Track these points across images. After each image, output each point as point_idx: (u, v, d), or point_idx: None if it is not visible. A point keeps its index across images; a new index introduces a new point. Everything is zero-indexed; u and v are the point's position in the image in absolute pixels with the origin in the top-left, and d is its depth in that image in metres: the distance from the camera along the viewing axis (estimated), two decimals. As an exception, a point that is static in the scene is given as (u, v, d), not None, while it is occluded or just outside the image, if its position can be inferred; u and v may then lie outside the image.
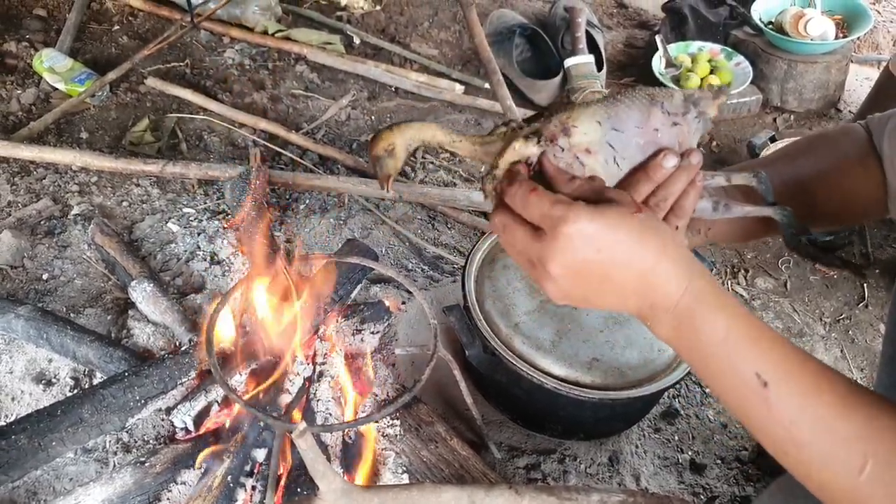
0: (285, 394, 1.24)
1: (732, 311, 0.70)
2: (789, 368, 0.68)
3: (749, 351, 0.68)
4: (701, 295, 0.69)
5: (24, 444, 1.20)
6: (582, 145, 0.73)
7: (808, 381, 0.67)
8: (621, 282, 0.70)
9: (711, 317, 0.69)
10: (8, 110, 2.32)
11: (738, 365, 0.69)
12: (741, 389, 0.69)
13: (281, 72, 2.61)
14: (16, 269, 1.79)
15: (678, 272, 0.69)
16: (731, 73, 2.40)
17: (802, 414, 0.66)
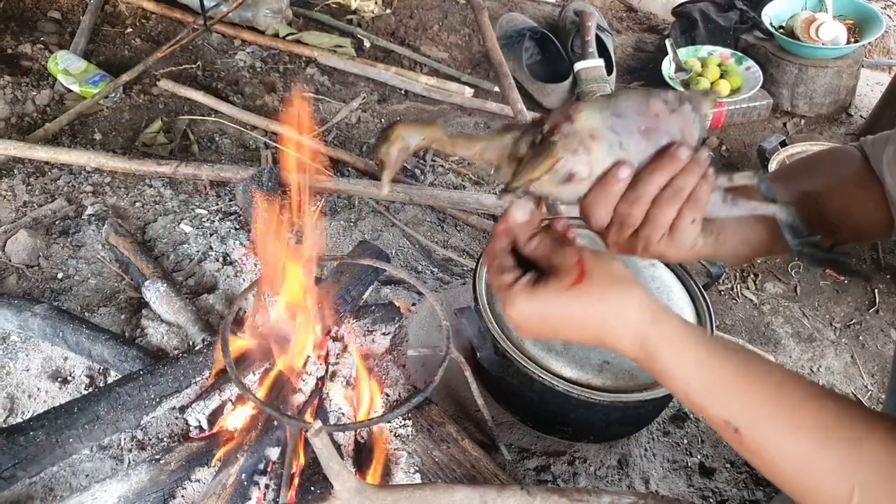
0: (298, 393, 1.25)
1: (690, 362, 0.70)
2: (760, 415, 0.68)
3: (712, 402, 0.69)
4: (653, 349, 0.71)
5: (42, 440, 1.21)
6: (585, 130, 0.73)
7: (783, 419, 0.67)
8: (576, 339, 0.74)
9: (667, 370, 0.71)
10: (23, 111, 2.34)
11: (707, 413, 0.70)
12: (719, 431, 0.71)
13: (292, 74, 2.63)
14: (32, 269, 1.81)
15: (624, 337, 0.71)
16: (741, 78, 2.40)
17: (782, 453, 0.67)
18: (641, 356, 0.71)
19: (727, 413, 0.69)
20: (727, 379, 0.70)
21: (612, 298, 0.71)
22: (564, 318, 0.72)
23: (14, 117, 2.31)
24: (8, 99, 2.35)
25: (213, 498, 1.13)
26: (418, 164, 2.29)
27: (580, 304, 0.71)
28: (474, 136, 0.80)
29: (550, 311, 0.71)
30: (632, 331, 0.71)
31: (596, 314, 0.71)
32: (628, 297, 0.71)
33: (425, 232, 2.05)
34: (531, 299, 0.71)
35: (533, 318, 0.72)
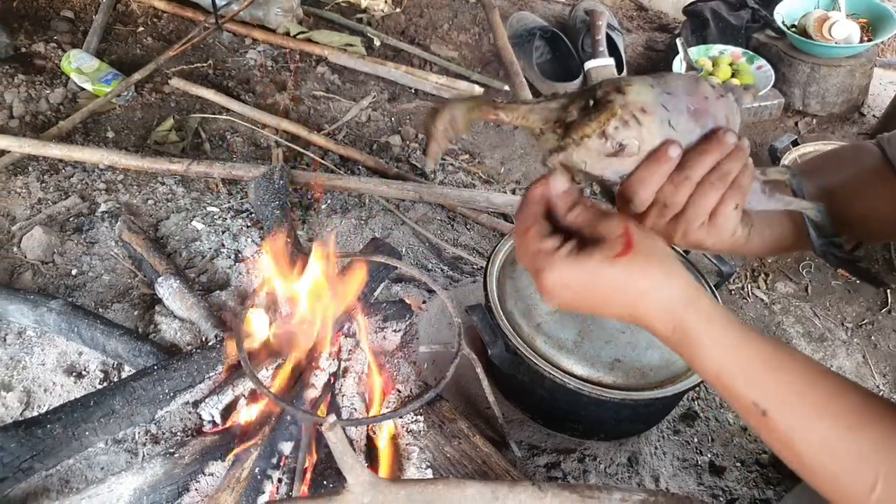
0: (311, 389, 1.26)
1: (725, 343, 0.70)
2: (789, 394, 0.68)
3: (744, 382, 0.69)
4: (690, 329, 0.70)
5: (59, 433, 1.23)
6: (637, 104, 0.72)
7: (810, 404, 0.68)
8: (609, 313, 0.73)
9: (701, 351, 0.70)
10: (37, 110, 2.36)
11: (736, 395, 0.70)
12: (743, 413, 0.71)
13: (302, 73, 2.64)
14: (46, 265, 1.83)
15: (660, 314, 0.71)
16: (752, 77, 2.40)
17: (806, 438, 0.67)
18: (675, 335, 0.71)
19: (757, 394, 0.69)
20: (759, 361, 0.70)
21: (655, 274, 0.70)
22: (606, 288, 0.70)
23: (28, 115, 2.33)
24: (22, 97, 2.37)
25: (227, 491, 1.14)
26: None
27: (624, 276, 0.69)
28: (519, 102, 0.79)
29: (594, 280, 0.70)
30: (669, 309, 0.70)
31: (637, 288, 0.70)
32: (670, 274, 0.71)
33: (435, 230, 2.06)
34: (575, 266, 0.70)
35: (575, 285, 0.70)
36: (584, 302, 0.72)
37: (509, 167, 2.31)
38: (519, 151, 2.37)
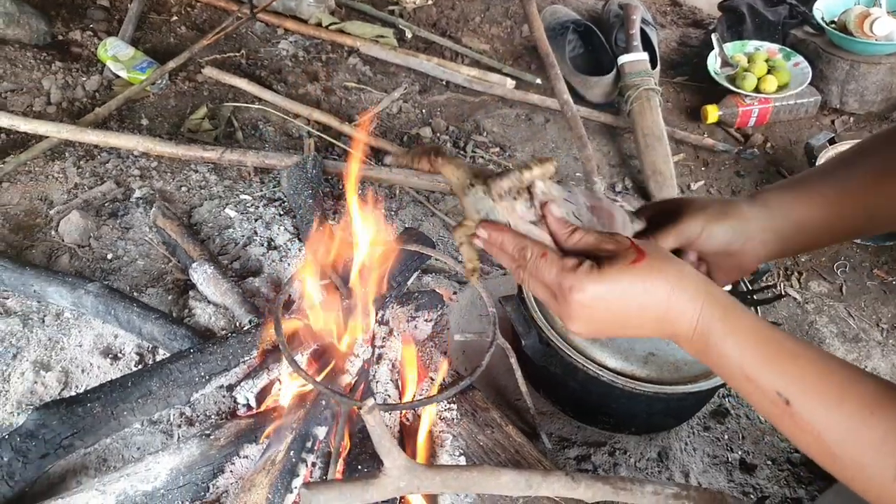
0: (346, 374, 1.27)
1: (745, 335, 0.72)
2: (810, 381, 0.69)
3: (766, 371, 0.70)
4: (711, 324, 0.72)
5: (98, 412, 1.25)
6: (546, 196, 0.79)
7: (830, 391, 0.68)
8: (638, 325, 0.75)
9: (723, 344, 0.72)
10: (73, 96, 2.39)
11: (759, 385, 0.71)
12: (767, 406, 0.71)
13: (334, 64, 2.66)
14: (83, 249, 1.85)
15: (687, 309, 0.73)
16: (788, 74, 2.37)
17: (828, 425, 0.67)
18: (698, 331, 0.72)
19: (780, 383, 0.69)
20: (779, 348, 0.71)
21: (671, 272, 0.73)
22: (631, 298, 0.72)
23: (65, 102, 2.37)
24: (59, 84, 2.41)
25: (263, 473, 1.15)
26: (458, 154, 2.30)
27: (648, 279, 0.72)
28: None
29: (624, 289, 0.72)
30: (691, 304, 0.72)
31: (659, 289, 0.72)
32: (683, 272, 0.74)
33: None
34: (603, 278, 0.72)
35: (608, 297, 0.72)
36: (617, 316, 0.74)
37: (540, 160, 2.30)
38: (550, 145, 2.36)
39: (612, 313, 0.74)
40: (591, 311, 0.74)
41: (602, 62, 2.52)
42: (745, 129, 2.42)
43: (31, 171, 2.07)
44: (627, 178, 2.24)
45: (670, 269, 0.73)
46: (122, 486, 1.19)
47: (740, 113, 2.36)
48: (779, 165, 2.31)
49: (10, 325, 1.61)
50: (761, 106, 2.35)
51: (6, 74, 2.38)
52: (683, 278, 0.73)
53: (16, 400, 1.46)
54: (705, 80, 2.52)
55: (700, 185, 2.25)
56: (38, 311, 1.66)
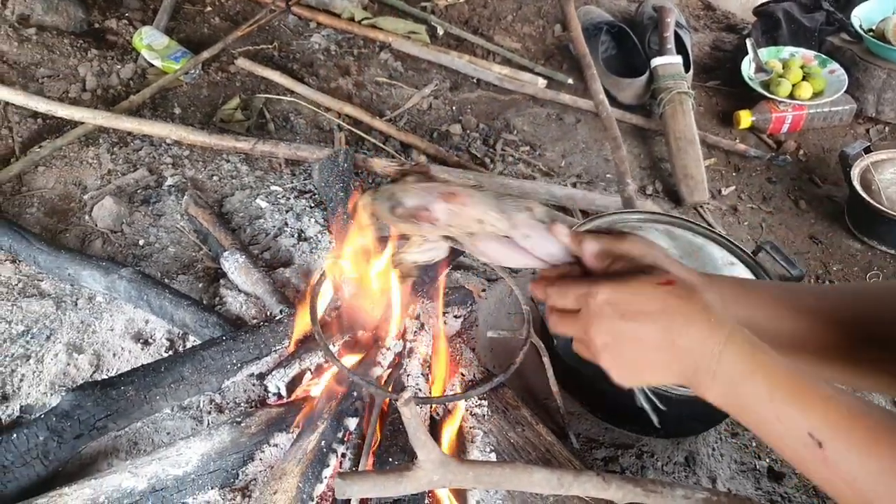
0: (377, 367, 1.27)
1: (774, 371, 0.69)
2: (842, 424, 0.66)
3: (798, 411, 0.67)
4: (738, 358, 0.70)
5: (132, 395, 1.26)
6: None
7: (863, 434, 0.65)
8: (656, 347, 0.72)
9: (753, 380, 0.69)
10: (108, 84, 2.42)
11: (790, 426, 0.67)
12: (799, 451, 0.68)
13: (366, 59, 2.66)
14: (115, 234, 1.87)
15: (708, 338, 0.70)
16: (824, 81, 2.34)
17: (862, 469, 0.65)
18: (723, 362, 0.70)
19: (813, 422, 0.66)
20: (811, 387, 0.68)
21: (696, 298, 0.72)
22: (648, 312, 0.72)
23: (100, 89, 2.39)
24: (94, 71, 2.43)
25: (294, 462, 1.16)
26: (488, 152, 2.29)
27: (666, 301, 0.71)
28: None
29: (635, 301, 0.72)
30: (715, 331, 0.71)
31: (681, 315, 0.71)
32: (710, 302, 0.73)
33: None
34: (621, 285, 0.73)
35: (615, 310, 0.72)
36: (630, 326, 0.72)
37: (570, 160, 2.29)
38: (581, 146, 2.35)
39: (626, 325, 0.72)
40: (605, 320, 0.73)
41: (634, 64, 2.51)
42: (778, 136, 2.40)
43: (66, 156, 2.09)
44: (658, 181, 2.23)
45: (696, 296, 0.72)
46: (154, 469, 1.20)
47: (773, 119, 2.34)
48: (811, 173, 2.29)
49: (45, 307, 1.63)
50: (795, 112, 2.33)
51: (44, 60, 2.40)
52: (709, 307, 0.72)
53: (49, 381, 1.48)
54: (738, 85, 2.49)
55: (731, 190, 2.23)
56: (71, 294, 1.68)
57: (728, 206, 2.18)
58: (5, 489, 1.17)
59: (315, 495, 1.15)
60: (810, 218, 2.16)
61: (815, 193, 2.23)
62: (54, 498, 1.15)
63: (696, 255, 1.54)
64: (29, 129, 2.16)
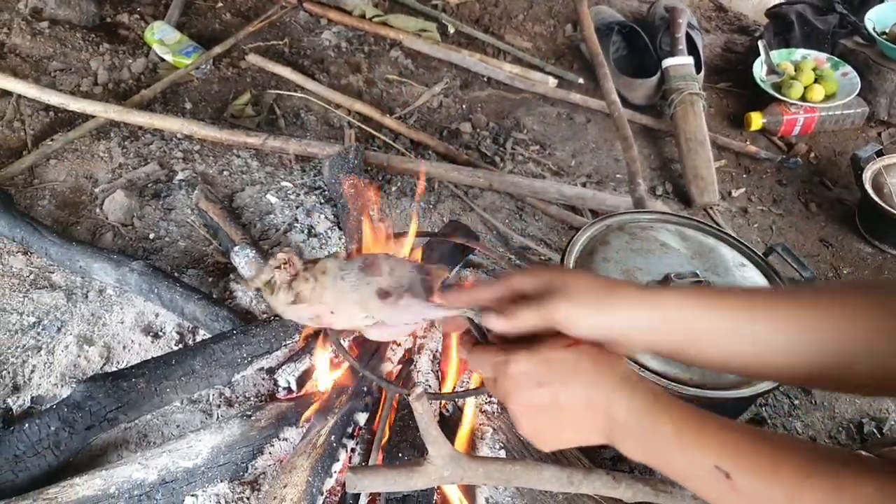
0: (387, 362, 1.27)
1: (677, 413, 0.72)
2: (745, 452, 0.68)
3: (703, 445, 0.69)
4: (644, 406, 0.73)
5: (143, 387, 1.27)
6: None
7: (766, 462, 0.67)
8: (572, 410, 0.76)
9: (658, 424, 0.72)
10: (119, 78, 2.42)
11: (698, 462, 0.69)
12: (709, 484, 0.69)
13: (376, 56, 2.66)
14: (126, 227, 1.88)
15: (618, 394, 0.74)
16: (836, 84, 2.33)
17: (770, 494, 0.66)
18: (631, 418, 0.73)
19: (717, 455, 0.68)
20: (711, 419, 0.71)
21: (602, 358, 0.76)
22: (561, 376, 0.75)
23: (111, 83, 2.40)
24: (106, 65, 2.44)
25: (304, 456, 1.16)
26: (498, 151, 2.29)
27: (575, 364, 0.76)
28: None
29: (548, 367, 0.76)
30: (625, 384, 0.74)
31: (589, 375, 0.75)
32: (614, 359, 0.77)
33: (503, 219, 2.05)
34: (533, 353, 0.76)
35: (532, 378, 0.76)
36: (548, 392, 0.75)
37: (580, 160, 2.29)
38: (591, 145, 2.35)
39: (543, 392, 0.75)
40: (522, 389, 0.76)
41: (645, 64, 2.50)
42: (789, 138, 2.39)
43: (77, 149, 2.10)
44: (668, 182, 2.23)
45: (602, 356, 0.76)
46: (164, 461, 1.20)
47: (785, 121, 2.33)
48: (822, 176, 2.28)
49: (56, 299, 1.64)
50: (807, 115, 2.32)
51: (56, 54, 2.41)
52: (616, 364, 0.76)
53: (60, 372, 1.49)
54: (749, 86, 2.49)
55: (741, 191, 2.23)
56: (81, 286, 1.69)
57: (738, 208, 2.18)
58: (17, 479, 1.18)
59: (325, 489, 1.15)
60: (821, 221, 2.15)
61: (825, 196, 2.22)
62: (65, 488, 1.15)
63: (708, 256, 1.53)
64: (41, 122, 2.16)
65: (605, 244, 1.52)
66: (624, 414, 0.73)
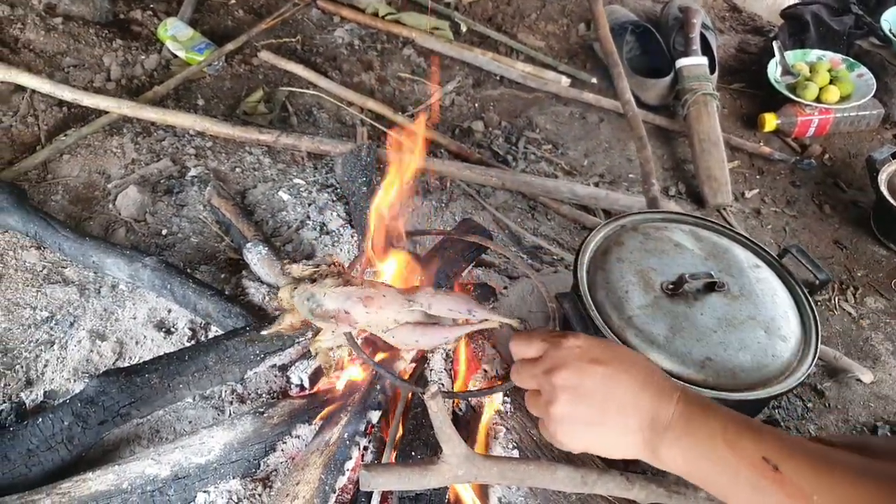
0: (400, 360, 1.27)
1: (723, 412, 0.75)
2: (792, 448, 0.69)
3: (750, 439, 0.71)
4: (691, 400, 0.76)
5: (156, 383, 1.27)
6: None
7: (813, 457, 0.68)
8: (621, 397, 0.77)
9: (707, 419, 0.74)
10: (132, 74, 2.43)
11: (744, 454, 0.70)
12: (756, 482, 0.69)
13: (389, 54, 2.66)
14: (139, 223, 1.88)
15: (668, 385, 0.77)
16: (852, 85, 2.31)
17: (820, 486, 0.66)
18: (678, 409, 0.75)
19: (765, 448, 0.69)
20: (752, 422, 0.74)
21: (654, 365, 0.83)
22: (618, 361, 0.79)
23: (124, 79, 2.40)
24: (119, 61, 2.44)
25: (317, 454, 1.16)
26: (510, 150, 2.29)
27: (629, 355, 0.81)
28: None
29: (608, 350, 0.80)
30: (671, 385, 0.78)
31: (643, 367, 0.80)
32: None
33: (515, 218, 2.05)
34: (591, 337, 0.81)
35: (588, 353, 0.79)
36: (601, 373, 0.78)
37: (593, 160, 2.28)
38: (604, 145, 2.34)
39: (596, 371, 0.77)
40: (576, 359, 0.78)
41: (658, 65, 2.49)
42: (803, 139, 2.37)
43: (90, 144, 2.10)
44: (681, 182, 2.21)
45: (651, 362, 0.84)
46: (177, 457, 1.20)
47: (799, 122, 2.31)
48: (836, 177, 2.26)
49: (68, 294, 1.64)
50: (821, 116, 2.30)
51: (70, 50, 2.42)
52: (658, 369, 0.82)
53: (72, 367, 1.49)
54: (763, 87, 2.47)
55: (754, 193, 2.21)
56: (94, 281, 1.69)
57: (751, 209, 2.16)
58: (30, 472, 1.18)
59: (337, 487, 1.15)
60: (835, 223, 2.13)
61: (839, 198, 2.21)
62: (78, 482, 1.15)
63: (722, 257, 1.52)
64: (54, 118, 2.17)
65: (619, 244, 1.51)
66: (672, 408, 0.75)
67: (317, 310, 1.07)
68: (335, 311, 1.04)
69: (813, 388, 1.67)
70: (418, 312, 1.07)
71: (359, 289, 1.06)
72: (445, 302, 1.03)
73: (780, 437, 0.71)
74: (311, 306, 1.08)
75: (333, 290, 1.06)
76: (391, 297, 1.05)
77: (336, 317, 1.04)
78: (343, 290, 1.05)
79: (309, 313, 1.08)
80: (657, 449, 0.76)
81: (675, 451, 0.75)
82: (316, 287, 1.08)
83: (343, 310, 1.03)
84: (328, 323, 1.07)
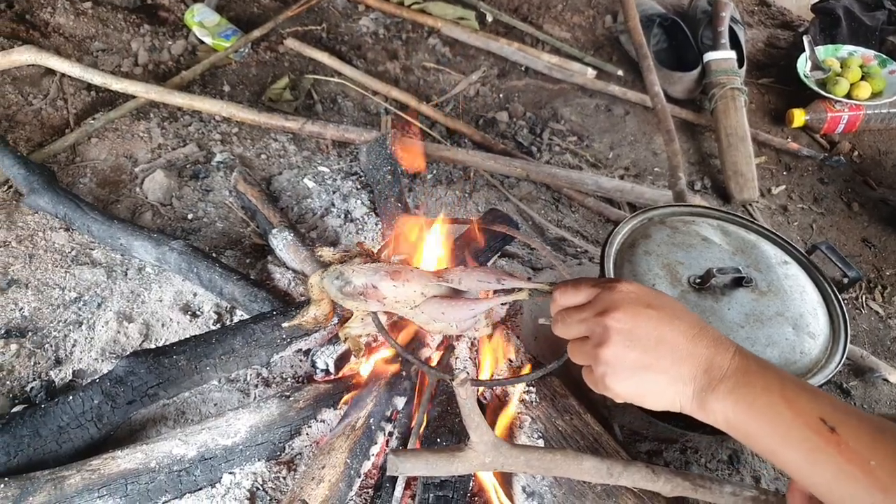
0: (426, 348, 1.27)
1: (777, 368, 0.73)
2: (850, 413, 0.67)
3: (808, 398, 0.69)
4: (747, 354, 0.74)
5: (183, 364, 1.28)
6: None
7: (872, 424, 0.66)
8: (675, 343, 0.75)
9: (763, 371, 0.72)
10: (159, 59, 2.44)
11: (801, 412, 0.68)
12: (811, 442, 0.67)
13: (414, 43, 2.65)
14: (165, 207, 1.90)
15: (724, 338, 0.76)
16: (884, 82, 2.28)
17: (878, 453, 0.64)
18: (735, 362, 0.74)
19: (823, 410, 0.68)
20: (808, 384, 0.72)
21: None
22: (671, 308, 0.78)
23: (151, 64, 2.42)
24: (146, 47, 2.46)
25: (343, 438, 1.16)
26: (534, 141, 2.28)
27: (683, 306, 0.80)
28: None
29: (661, 297, 0.79)
30: (726, 338, 0.76)
31: (696, 317, 0.79)
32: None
33: (539, 209, 2.04)
34: (644, 286, 0.81)
35: (642, 298, 0.78)
36: (655, 316, 0.76)
37: (618, 152, 2.27)
38: (629, 138, 2.32)
39: (650, 314, 0.76)
40: (631, 302, 0.77)
41: (686, 58, 2.46)
42: (832, 136, 2.34)
43: (118, 128, 2.12)
44: (707, 177, 2.19)
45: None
46: (204, 438, 1.21)
47: (828, 119, 2.28)
48: (866, 175, 2.23)
49: (96, 276, 1.66)
50: (852, 113, 2.27)
51: (98, 34, 2.44)
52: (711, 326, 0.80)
53: (100, 347, 1.51)
54: (792, 83, 2.44)
55: (781, 189, 2.19)
56: (121, 263, 1.70)
57: (778, 206, 2.14)
58: (61, 449, 1.19)
59: (362, 471, 1.16)
60: (863, 221, 2.11)
61: (868, 196, 2.18)
62: (107, 460, 1.17)
63: (750, 252, 1.51)
64: (83, 102, 2.19)
65: (646, 237, 1.50)
66: (729, 359, 0.73)
67: (345, 287, 1.07)
68: (363, 287, 1.04)
69: (839, 386, 1.65)
70: (445, 287, 1.06)
71: (386, 264, 1.06)
72: (475, 275, 1.03)
73: (838, 402, 0.69)
74: (339, 284, 1.08)
75: (361, 267, 1.06)
76: (418, 273, 1.05)
77: (364, 293, 1.04)
78: (371, 265, 1.06)
79: (338, 292, 1.08)
80: (706, 400, 0.73)
81: (727, 402, 0.72)
82: (345, 266, 1.09)
83: (371, 284, 1.03)
84: (357, 301, 1.07)
